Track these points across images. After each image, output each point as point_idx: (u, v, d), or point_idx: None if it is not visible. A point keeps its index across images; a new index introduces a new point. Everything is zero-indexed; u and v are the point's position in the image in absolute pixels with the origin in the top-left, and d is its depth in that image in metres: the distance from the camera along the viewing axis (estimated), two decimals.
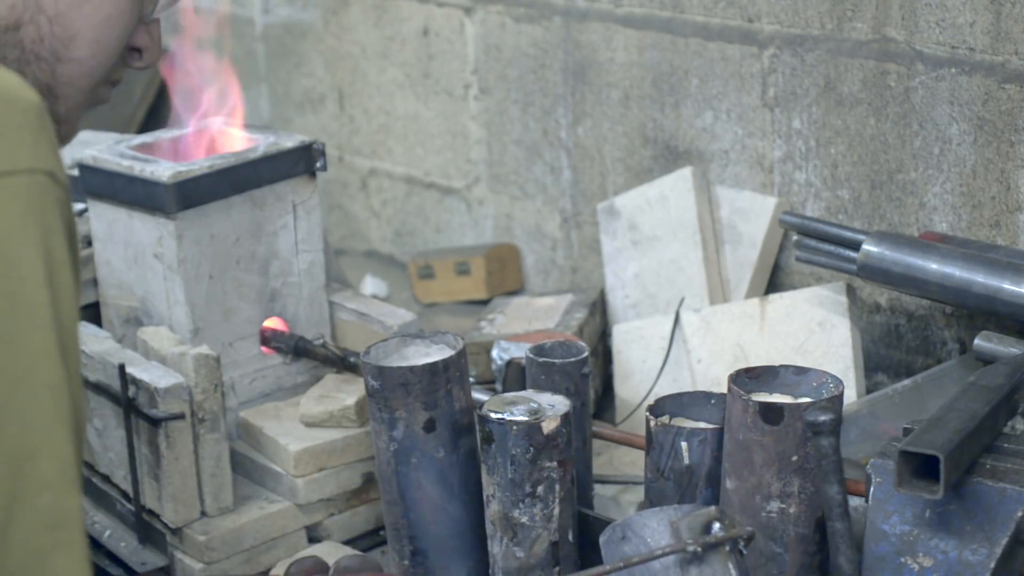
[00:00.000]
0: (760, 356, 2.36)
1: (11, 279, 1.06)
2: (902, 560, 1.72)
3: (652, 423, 1.83)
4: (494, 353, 2.36)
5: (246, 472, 2.20)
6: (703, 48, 2.63)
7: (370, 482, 2.16)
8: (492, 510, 1.85)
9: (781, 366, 1.83)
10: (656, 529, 1.57)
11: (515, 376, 2.27)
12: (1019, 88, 2.20)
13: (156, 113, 3.72)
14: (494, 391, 2.23)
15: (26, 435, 1.06)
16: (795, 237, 2.38)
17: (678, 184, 2.62)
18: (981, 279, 2.11)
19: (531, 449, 1.80)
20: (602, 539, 1.61)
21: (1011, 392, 1.87)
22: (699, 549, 1.52)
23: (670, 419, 1.86)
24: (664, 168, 2.72)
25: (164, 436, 2.04)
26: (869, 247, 2.21)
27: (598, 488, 2.19)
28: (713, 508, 1.55)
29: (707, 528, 1.54)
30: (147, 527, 2.13)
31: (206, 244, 2.19)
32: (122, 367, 2.06)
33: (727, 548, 1.54)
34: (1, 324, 1.06)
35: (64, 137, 1.43)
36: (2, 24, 1.34)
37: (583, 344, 2.03)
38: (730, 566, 1.54)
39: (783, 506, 1.75)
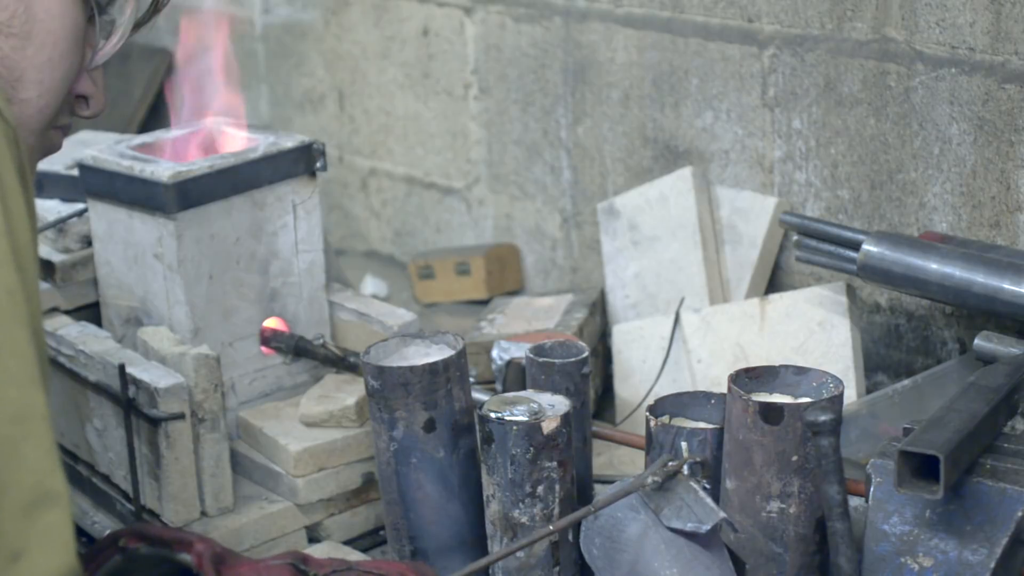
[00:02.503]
0: (760, 356, 2.36)
1: None
2: (902, 560, 1.72)
3: (652, 423, 1.83)
4: (494, 353, 2.36)
5: (246, 472, 2.20)
6: (703, 48, 2.63)
7: (370, 482, 2.16)
8: (492, 510, 1.85)
9: (781, 366, 1.83)
10: (620, 507, 1.66)
11: (515, 376, 2.27)
12: (1019, 88, 2.20)
13: (156, 113, 3.72)
14: (494, 391, 2.23)
15: None
16: (795, 237, 2.38)
17: (678, 184, 2.62)
18: (981, 279, 2.11)
19: (531, 449, 1.80)
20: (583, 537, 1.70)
21: (1011, 392, 1.87)
22: (658, 479, 1.63)
23: (670, 419, 1.86)
24: (664, 168, 2.72)
25: (164, 436, 2.04)
26: (869, 247, 2.21)
27: (598, 488, 2.19)
28: (678, 458, 1.70)
29: (665, 465, 1.68)
30: None
31: (206, 244, 2.19)
32: (122, 367, 2.06)
33: (685, 470, 1.65)
34: None
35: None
36: None
37: (583, 344, 2.03)
38: (692, 484, 1.64)
39: (783, 506, 1.75)
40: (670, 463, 1.60)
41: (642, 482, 1.55)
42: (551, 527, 1.63)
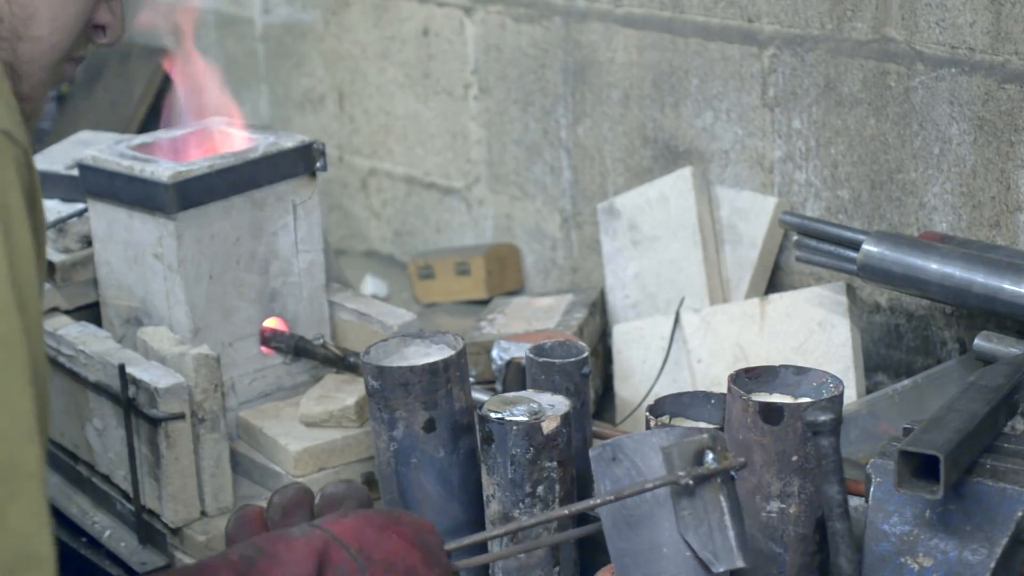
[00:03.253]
0: (760, 356, 2.36)
1: None
2: (902, 560, 1.72)
3: (652, 423, 1.83)
4: (494, 353, 2.36)
5: (246, 472, 2.20)
6: (703, 48, 2.63)
7: (370, 482, 2.16)
8: (492, 510, 1.85)
9: (781, 366, 1.82)
10: (647, 455, 1.53)
11: (515, 376, 2.27)
12: (1019, 88, 2.20)
13: (156, 113, 3.72)
14: (494, 391, 2.23)
15: None
16: (795, 237, 2.38)
17: (678, 184, 2.62)
18: (981, 279, 2.11)
19: (531, 449, 1.80)
20: (592, 454, 1.57)
21: (1011, 392, 1.87)
22: (691, 482, 1.48)
23: (670, 419, 1.86)
24: (664, 168, 2.72)
25: (164, 436, 2.04)
26: (869, 247, 2.21)
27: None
28: (705, 435, 1.50)
29: (699, 457, 1.49)
30: (147, 527, 2.13)
31: (206, 244, 2.19)
32: (122, 367, 2.06)
33: (719, 480, 1.49)
34: None
35: (30, 115, 1.41)
36: None
37: (583, 344, 2.03)
38: (721, 498, 1.50)
39: (783, 506, 1.75)
40: (708, 460, 1.49)
41: (674, 479, 1.50)
42: (566, 510, 1.58)
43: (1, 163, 1.09)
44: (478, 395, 2.02)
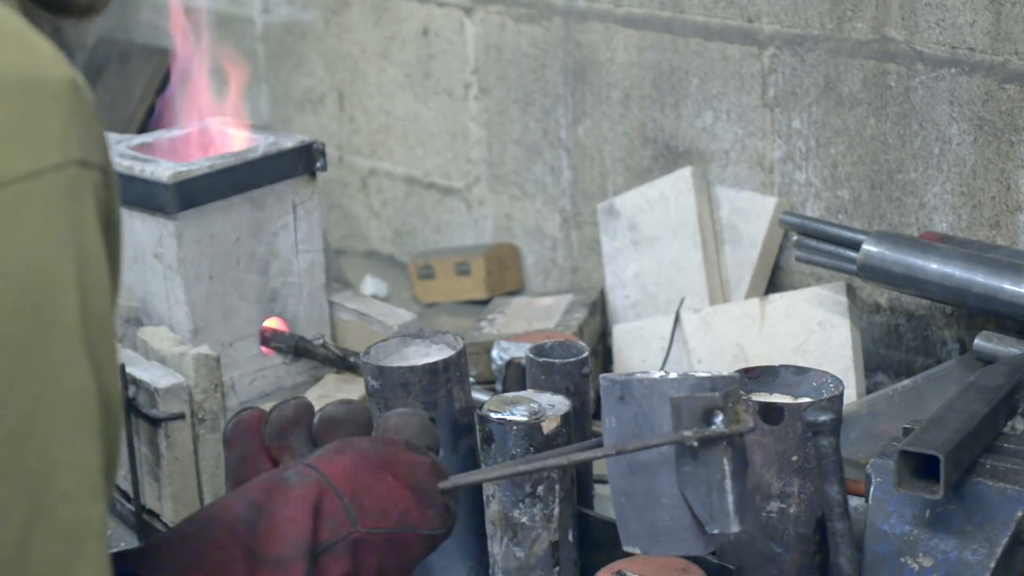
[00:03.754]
0: (760, 356, 2.36)
1: (36, 293, 0.99)
2: (902, 560, 1.72)
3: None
4: (494, 353, 2.36)
5: None
6: (703, 48, 2.63)
7: None
8: (492, 510, 1.85)
9: (781, 366, 1.82)
10: (655, 403, 1.46)
11: (515, 376, 2.27)
12: (1019, 88, 2.20)
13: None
14: (494, 391, 2.23)
15: (47, 450, 1.01)
16: (795, 237, 2.38)
17: (678, 184, 2.62)
18: (981, 279, 2.11)
19: (531, 449, 1.80)
20: (602, 386, 1.53)
21: (1011, 392, 1.87)
22: (695, 443, 1.42)
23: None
24: (664, 168, 2.72)
25: (164, 436, 2.04)
26: (869, 247, 2.21)
27: (598, 488, 2.19)
28: (717, 394, 1.43)
29: (708, 416, 1.43)
30: (147, 527, 2.13)
31: (206, 244, 2.19)
32: (122, 367, 2.06)
33: (724, 442, 1.43)
34: (26, 339, 1.01)
35: (95, 8, 1.34)
36: None
37: (583, 344, 2.03)
38: (724, 461, 1.43)
39: (783, 506, 1.75)
40: (717, 422, 1.42)
41: (679, 438, 1.47)
42: (565, 460, 1.54)
43: (76, 199, 1.02)
44: (478, 395, 2.02)
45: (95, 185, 1.05)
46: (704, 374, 1.48)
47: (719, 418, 1.42)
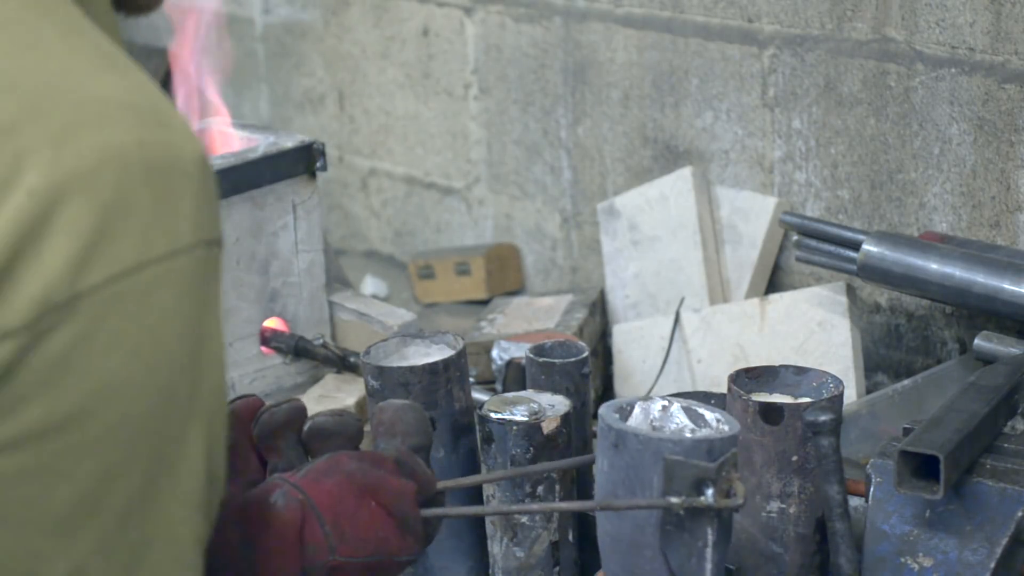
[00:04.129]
0: (760, 356, 2.36)
1: (161, 373, 0.99)
2: (902, 560, 1.72)
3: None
4: (494, 353, 2.36)
5: None
6: (703, 48, 2.63)
7: None
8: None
9: (781, 366, 1.82)
10: (647, 461, 1.42)
11: (515, 376, 2.27)
12: (1019, 88, 2.20)
13: None
14: (494, 391, 2.23)
15: (146, 523, 1.00)
16: (795, 237, 2.38)
17: (678, 184, 2.62)
18: (981, 279, 2.11)
19: (531, 449, 1.80)
20: (599, 427, 1.49)
21: (1011, 392, 1.87)
22: (681, 512, 1.38)
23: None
24: (664, 168, 2.72)
25: None
26: (869, 247, 2.21)
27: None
28: (711, 465, 1.38)
29: (698, 486, 1.38)
30: None
31: None
32: None
33: (712, 513, 1.39)
34: (149, 420, 0.99)
35: (151, 4, 1.29)
36: None
37: (583, 344, 2.03)
38: (708, 530, 1.40)
39: (783, 506, 1.75)
40: (702, 498, 1.38)
41: (666, 504, 1.44)
42: (548, 508, 1.55)
43: (204, 276, 1.01)
44: (478, 395, 2.02)
45: (218, 261, 1.05)
46: (704, 434, 1.44)
47: (710, 491, 1.37)
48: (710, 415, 1.48)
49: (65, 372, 0.94)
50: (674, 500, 1.37)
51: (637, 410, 1.49)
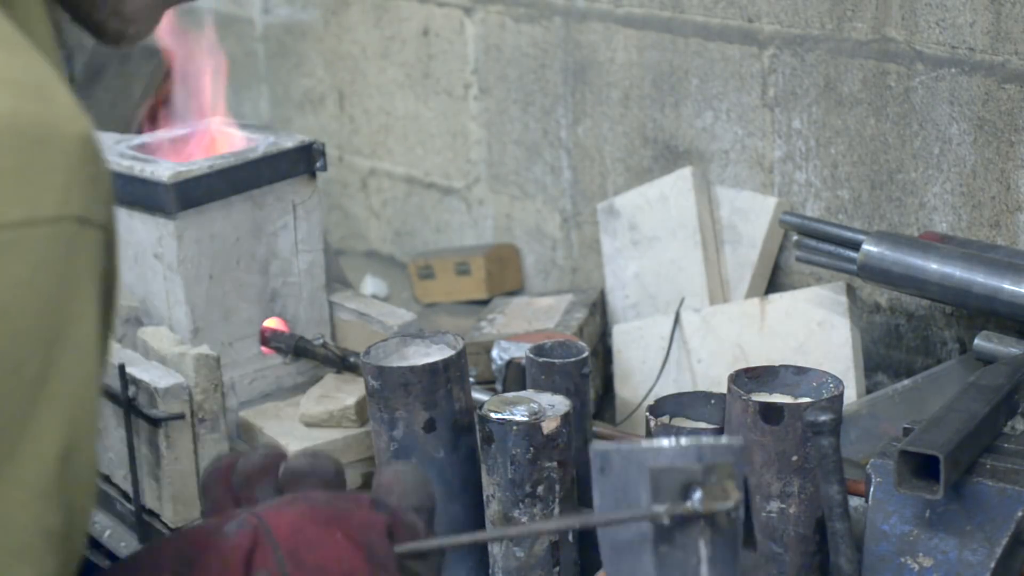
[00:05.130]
0: (760, 356, 2.36)
1: (6, 342, 0.96)
2: (902, 560, 1.72)
3: (652, 423, 1.83)
4: (494, 353, 2.36)
5: None
6: (703, 48, 2.63)
7: (370, 482, 2.16)
8: (492, 510, 1.85)
9: (781, 366, 1.83)
10: (633, 474, 1.30)
11: (515, 376, 2.27)
12: (1019, 88, 2.20)
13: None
14: (494, 391, 2.23)
15: None
16: (795, 237, 2.38)
17: (678, 184, 2.62)
18: (981, 279, 2.11)
19: (531, 449, 1.80)
20: (591, 457, 1.43)
21: (1011, 392, 1.87)
22: (666, 521, 1.25)
23: (670, 419, 1.86)
24: (664, 168, 2.72)
25: (164, 436, 2.04)
26: (869, 247, 2.21)
27: None
28: (697, 467, 1.26)
29: (686, 491, 1.26)
30: (147, 527, 2.13)
31: (206, 244, 2.19)
32: (122, 367, 2.06)
33: (702, 521, 1.26)
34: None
35: (132, 37, 1.26)
36: None
37: (583, 344, 2.03)
38: (701, 544, 1.26)
39: (783, 506, 1.75)
40: (696, 498, 1.25)
41: (649, 514, 1.35)
42: (529, 531, 1.51)
43: (69, 253, 0.99)
44: (478, 395, 2.02)
45: (93, 243, 1.02)
46: (700, 441, 1.32)
47: (697, 494, 1.25)
48: (697, 442, 1.38)
49: None
50: (657, 508, 1.25)
51: (615, 446, 1.42)
